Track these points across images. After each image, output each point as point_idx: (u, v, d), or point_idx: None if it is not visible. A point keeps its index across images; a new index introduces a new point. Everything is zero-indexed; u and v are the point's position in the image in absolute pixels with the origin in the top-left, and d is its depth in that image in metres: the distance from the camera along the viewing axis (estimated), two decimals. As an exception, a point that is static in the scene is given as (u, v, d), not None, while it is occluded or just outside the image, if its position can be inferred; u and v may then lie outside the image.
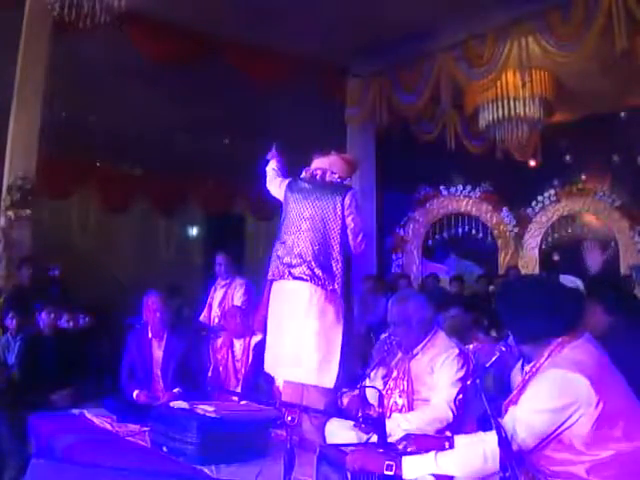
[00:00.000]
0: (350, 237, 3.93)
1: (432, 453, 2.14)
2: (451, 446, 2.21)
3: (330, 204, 3.93)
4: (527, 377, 2.15)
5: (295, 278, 3.86)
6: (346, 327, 3.86)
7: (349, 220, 3.92)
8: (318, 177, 4.09)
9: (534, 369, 2.13)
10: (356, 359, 3.99)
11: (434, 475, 2.10)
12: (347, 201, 3.92)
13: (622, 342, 2.17)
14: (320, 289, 3.80)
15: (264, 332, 4.90)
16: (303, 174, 4.17)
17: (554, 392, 2.00)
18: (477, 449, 2.07)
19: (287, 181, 4.15)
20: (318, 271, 3.81)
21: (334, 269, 3.85)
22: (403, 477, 2.11)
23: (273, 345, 4.02)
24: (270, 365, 4.07)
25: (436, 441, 2.30)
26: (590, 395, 1.96)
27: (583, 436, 1.97)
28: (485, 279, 8.47)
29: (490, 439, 2.00)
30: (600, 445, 1.96)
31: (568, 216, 9.28)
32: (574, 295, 2.26)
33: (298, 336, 3.84)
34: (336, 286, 3.81)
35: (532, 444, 2.02)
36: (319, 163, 4.16)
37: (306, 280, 3.82)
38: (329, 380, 3.77)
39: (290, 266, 3.89)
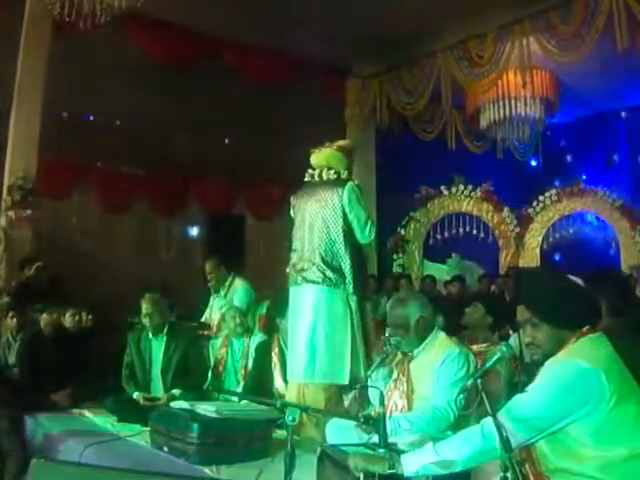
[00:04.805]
0: (356, 231, 3.94)
1: (430, 443, 2.14)
2: None
3: (330, 203, 3.95)
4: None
5: (308, 282, 3.91)
6: (359, 324, 3.89)
7: (352, 216, 3.93)
8: (316, 177, 4.12)
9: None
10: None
11: (434, 477, 2.10)
12: (345, 197, 3.93)
13: (619, 343, 2.14)
14: (333, 289, 3.83)
15: (266, 334, 4.95)
16: (306, 178, 4.21)
17: (566, 381, 1.97)
18: (474, 429, 2.08)
19: (293, 197, 4.22)
20: (328, 272, 3.85)
21: (343, 268, 3.87)
22: (405, 474, 2.11)
23: (293, 351, 4.05)
24: (290, 371, 4.09)
25: None
26: (603, 388, 1.93)
27: (591, 431, 1.93)
28: (487, 279, 8.45)
29: (487, 420, 1.99)
30: (611, 442, 1.92)
31: (569, 216, 9.29)
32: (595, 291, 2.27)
33: (311, 338, 3.86)
34: (347, 285, 3.84)
35: (535, 434, 1.99)
36: (316, 160, 4.18)
37: (318, 283, 3.85)
38: (342, 377, 3.80)
39: (302, 270, 3.94)
